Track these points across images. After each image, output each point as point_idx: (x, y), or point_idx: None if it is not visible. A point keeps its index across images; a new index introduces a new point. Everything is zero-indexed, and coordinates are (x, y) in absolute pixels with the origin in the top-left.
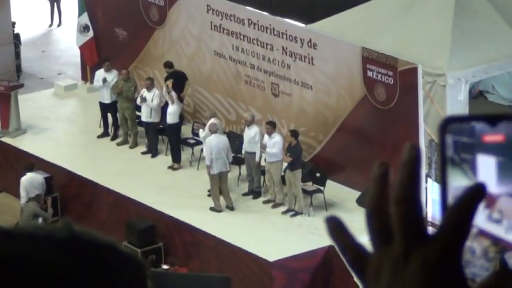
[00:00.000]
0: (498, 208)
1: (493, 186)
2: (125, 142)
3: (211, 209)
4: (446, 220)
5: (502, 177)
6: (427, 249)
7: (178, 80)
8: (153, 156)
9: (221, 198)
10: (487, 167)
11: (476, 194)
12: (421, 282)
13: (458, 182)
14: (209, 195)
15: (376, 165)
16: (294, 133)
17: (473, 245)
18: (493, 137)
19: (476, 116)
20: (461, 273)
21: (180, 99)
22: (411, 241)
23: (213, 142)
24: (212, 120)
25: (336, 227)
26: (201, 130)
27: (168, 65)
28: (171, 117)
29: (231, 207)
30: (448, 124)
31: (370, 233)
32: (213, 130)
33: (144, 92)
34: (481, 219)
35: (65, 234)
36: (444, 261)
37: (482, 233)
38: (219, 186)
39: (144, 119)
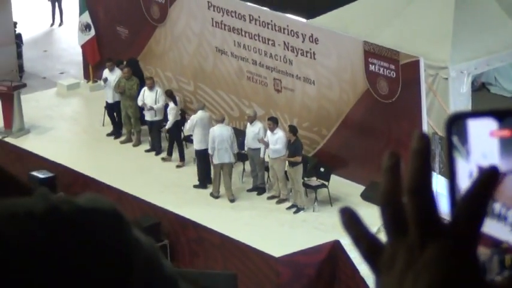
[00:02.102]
0: (503, 194)
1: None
2: (128, 140)
3: (211, 194)
4: (461, 208)
5: (505, 154)
6: (443, 238)
7: (135, 69)
8: (157, 154)
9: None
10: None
11: (490, 178)
12: (437, 271)
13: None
14: (195, 187)
15: (386, 156)
16: (293, 129)
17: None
18: (500, 132)
19: (482, 112)
20: (476, 262)
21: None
22: (426, 231)
23: (217, 132)
24: (199, 113)
25: (350, 218)
26: (185, 124)
27: (118, 62)
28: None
29: (231, 200)
30: (454, 120)
31: (385, 223)
32: (219, 120)
33: (146, 91)
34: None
35: (43, 206)
36: (460, 250)
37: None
38: (219, 174)
39: (148, 118)
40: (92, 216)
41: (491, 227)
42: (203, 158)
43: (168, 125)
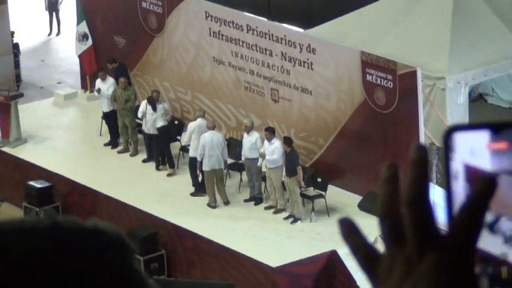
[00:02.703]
0: (497, 201)
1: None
2: (125, 150)
3: (208, 204)
4: (458, 219)
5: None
6: (440, 249)
7: (121, 72)
8: (157, 167)
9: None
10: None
11: (487, 189)
12: (434, 282)
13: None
14: (191, 194)
15: (385, 167)
16: (288, 140)
17: None
18: (497, 144)
19: (479, 124)
20: (473, 273)
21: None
22: (424, 242)
23: (207, 138)
24: (198, 121)
25: (349, 229)
26: (183, 134)
27: (111, 60)
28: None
29: (225, 202)
30: (451, 132)
31: (383, 233)
32: (210, 126)
33: (147, 106)
34: None
35: (48, 224)
36: (457, 261)
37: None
38: (213, 182)
39: (147, 130)
40: (95, 236)
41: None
42: (197, 165)
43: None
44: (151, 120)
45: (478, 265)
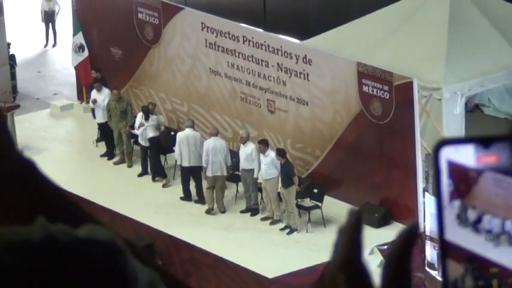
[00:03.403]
0: (477, 197)
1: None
2: (121, 161)
3: (206, 211)
4: (387, 275)
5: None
6: None
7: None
8: (153, 178)
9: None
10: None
11: (409, 240)
12: None
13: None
14: (182, 198)
15: (347, 213)
16: (281, 152)
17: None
18: (487, 158)
19: (469, 138)
20: None
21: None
22: None
23: (210, 144)
24: (187, 131)
25: (354, 225)
26: (176, 153)
27: (96, 69)
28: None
29: (222, 211)
30: (441, 146)
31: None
32: (213, 133)
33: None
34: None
35: (41, 236)
36: None
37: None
38: (213, 188)
39: (143, 143)
40: (90, 246)
41: (463, 238)
42: (186, 174)
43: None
44: (143, 130)
45: (462, 264)
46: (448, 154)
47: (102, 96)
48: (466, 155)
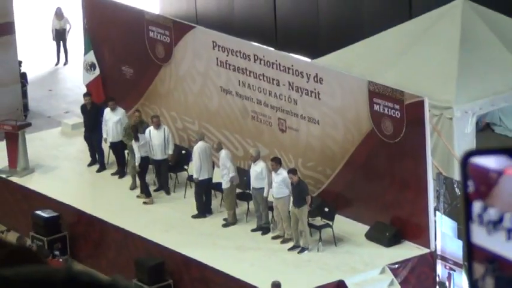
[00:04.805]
0: (498, 198)
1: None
2: (134, 186)
3: (226, 224)
4: None
5: None
6: None
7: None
8: (167, 193)
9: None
10: None
11: None
12: None
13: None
14: (195, 216)
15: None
16: (292, 171)
17: None
18: None
19: (496, 149)
20: None
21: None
22: None
23: (223, 155)
24: (201, 144)
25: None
26: (196, 166)
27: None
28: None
29: (231, 222)
30: (469, 157)
31: None
32: (217, 148)
33: (152, 131)
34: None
35: (63, 276)
36: None
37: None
38: (233, 198)
39: (156, 157)
40: None
41: (485, 239)
42: (200, 188)
43: (137, 161)
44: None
45: (483, 265)
46: (475, 161)
47: (117, 116)
48: (493, 164)
